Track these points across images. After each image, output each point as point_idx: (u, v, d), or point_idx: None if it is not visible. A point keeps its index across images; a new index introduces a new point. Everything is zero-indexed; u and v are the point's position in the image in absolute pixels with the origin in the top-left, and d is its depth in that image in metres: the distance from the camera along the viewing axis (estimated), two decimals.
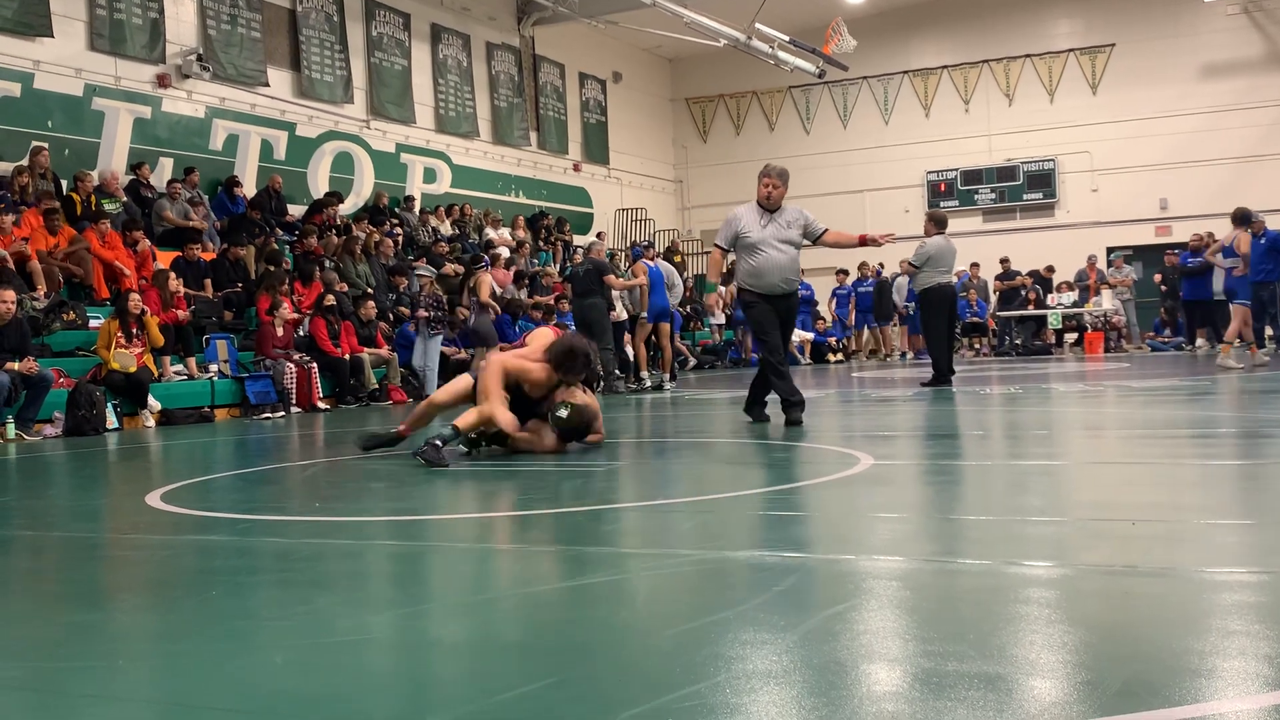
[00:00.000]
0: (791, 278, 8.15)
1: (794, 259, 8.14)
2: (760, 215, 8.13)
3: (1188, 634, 2.38)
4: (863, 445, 6.46)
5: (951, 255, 12.78)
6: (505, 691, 2.19)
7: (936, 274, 12.54)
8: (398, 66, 20.17)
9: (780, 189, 8.15)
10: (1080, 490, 4.86)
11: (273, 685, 2.34)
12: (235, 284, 14.38)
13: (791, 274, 8.14)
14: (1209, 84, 23.88)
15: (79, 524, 5.10)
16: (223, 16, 16.73)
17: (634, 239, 24.80)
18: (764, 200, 8.14)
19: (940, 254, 12.54)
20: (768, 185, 8.13)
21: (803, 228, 8.16)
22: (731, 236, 8.20)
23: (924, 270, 12.63)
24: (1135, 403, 9.35)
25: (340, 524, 4.53)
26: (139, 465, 8.05)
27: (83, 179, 13.97)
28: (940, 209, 13.22)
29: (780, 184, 8.15)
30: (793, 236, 8.11)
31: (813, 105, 27.50)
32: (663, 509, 4.66)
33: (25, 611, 3.21)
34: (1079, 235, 24.33)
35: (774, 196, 8.12)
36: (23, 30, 14.06)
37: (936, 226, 12.80)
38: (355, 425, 10.59)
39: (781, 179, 8.17)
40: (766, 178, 8.17)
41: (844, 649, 2.37)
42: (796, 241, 8.13)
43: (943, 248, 12.55)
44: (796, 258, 8.18)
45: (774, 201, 8.15)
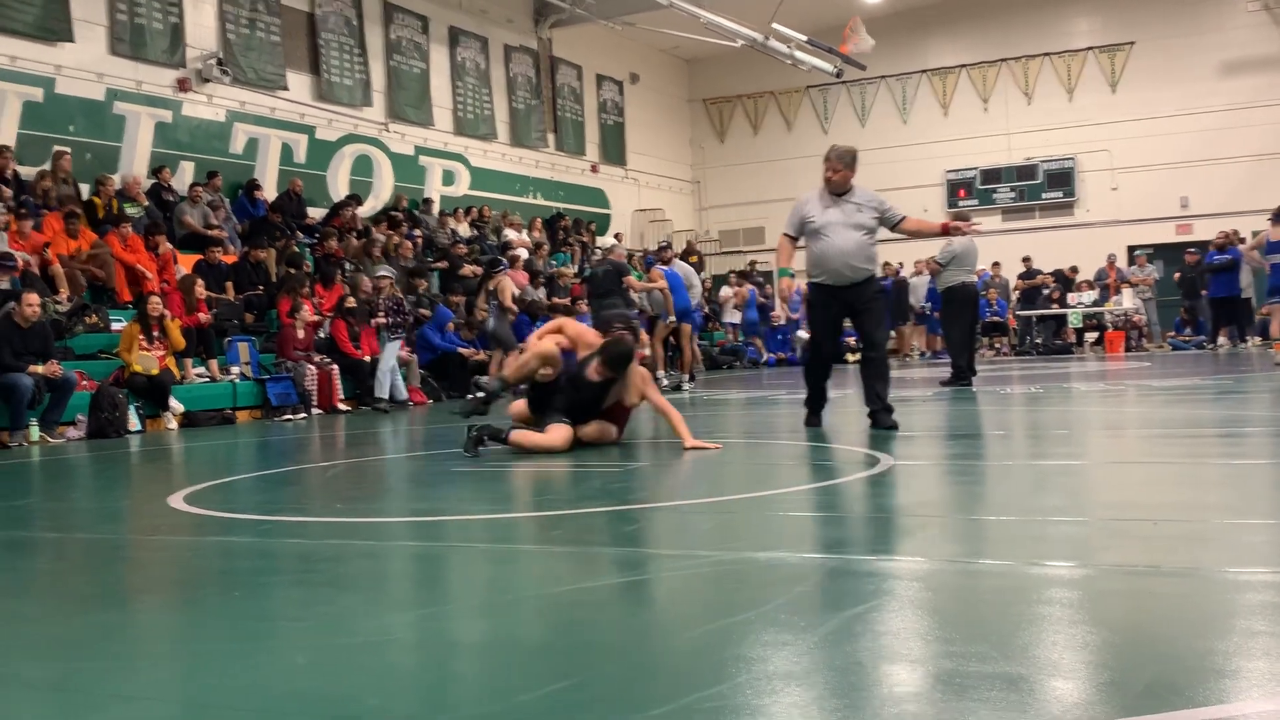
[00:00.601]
0: (857, 264, 7.62)
1: (861, 245, 7.61)
2: (825, 199, 7.75)
3: (1211, 634, 2.37)
4: (883, 445, 6.44)
5: (975, 255, 12.79)
6: (526, 692, 2.20)
7: (961, 272, 12.53)
8: (416, 69, 20.22)
9: (841, 172, 7.68)
10: (1102, 490, 4.84)
11: (294, 686, 2.35)
12: (256, 287, 14.44)
13: (858, 260, 7.61)
14: (1229, 81, 23.73)
15: (102, 525, 5.13)
16: (242, 21, 16.81)
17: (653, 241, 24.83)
18: (827, 184, 7.75)
19: (966, 253, 12.52)
20: (828, 169, 7.73)
21: (877, 212, 7.69)
22: (797, 223, 7.88)
23: (948, 269, 12.63)
24: (1157, 402, 9.31)
25: (361, 525, 4.55)
26: (161, 467, 8.09)
27: (104, 183, 14.06)
28: (962, 210, 13.21)
29: (840, 166, 7.70)
30: (862, 220, 7.64)
31: (830, 105, 27.45)
32: (683, 510, 4.66)
33: (50, 612, 3.23)
34: (1099, 234, 24.22)
35: (835, 180, 7.69)
36: (44, 35, 14.15)
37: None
38: (375, 427, 10.62)
39: (843, 161, 7.71)
40: (827, 161, 7.78)
41: (865, 650, 2.37)
42: (867, 225, 7.64)
43: (969, 247, 12.53)
44: (865, 244, 7.65)
45: (837, 185, 7.72)
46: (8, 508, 6.02)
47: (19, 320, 10.24)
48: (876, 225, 7.71)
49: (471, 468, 6.42)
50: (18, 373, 9.98)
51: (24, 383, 9.92)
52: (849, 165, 7.71)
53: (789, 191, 27.35)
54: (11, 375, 9.94)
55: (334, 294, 14.45)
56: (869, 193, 7.82)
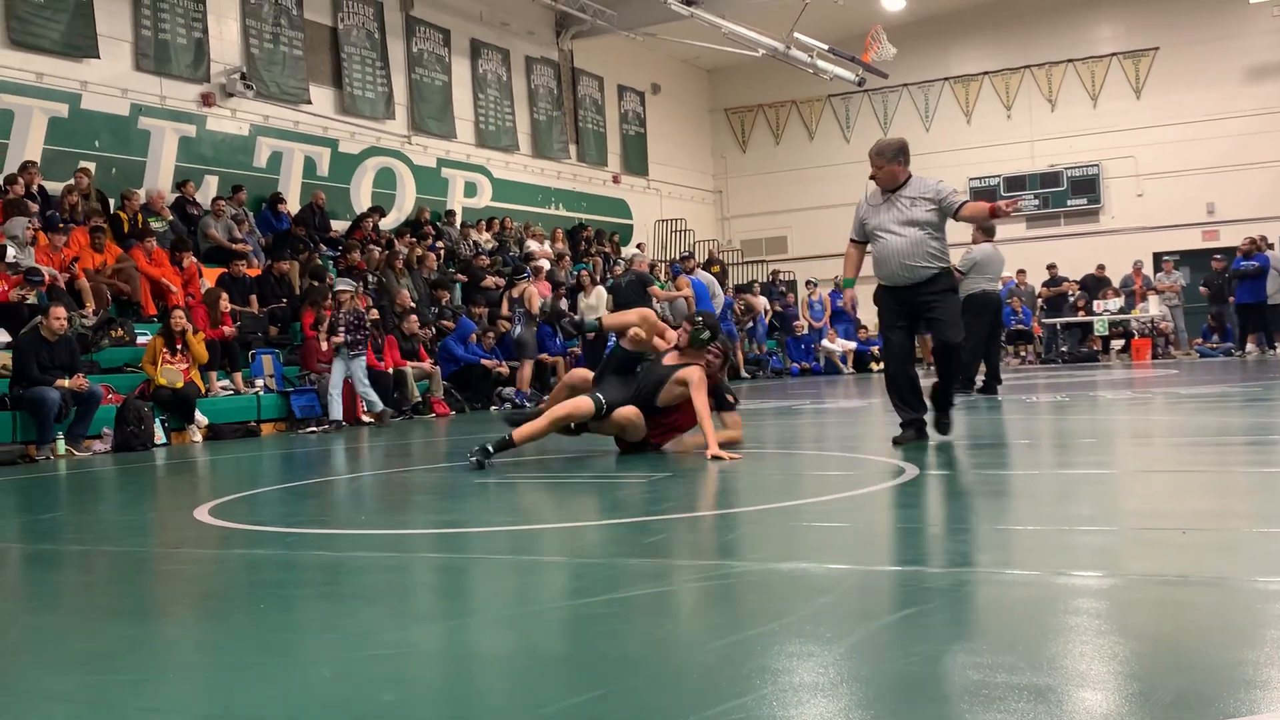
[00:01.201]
0: (913, 263, 7.06)
1: (917, 242, 7.04)
2: (877, 198, 7.27)
3: (1241, 644, 2.35)
4: (909, 455, 6.41)
5: (999, 263, 12.69)
6: (551, 704, 2.19)
7: (983, 280, 12.43)
8: (438, 82, 20.31)
9: (885, 168, 7.15)
10: (1130, 499, 4.80)
11: (321, 698, 2.35)
12: (280, 299, 14.52)
13: (913, 259, 7.05)
14: (1255, 86, 23.58)
15: (129, 539, 5.15)
16: (265, 35, 16.93)
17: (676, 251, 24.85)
18: (875, 182, 7.29)
19: (987, 261, 12.44)
20: (871, 166, 7.24)
21: (934, 203, 7.05)
22: (858, 225, 7.37)
23: (969, 276, 12.57)
24: (1184, 409, 9.24)
25: (386, 537, 4.56)
26: (187, 480, 8.13)
27: (129, 197, 14.17)
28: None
29: (881, 162, 7.16)
30: (916, 216, 7.05)
31: (853, 114, 27.41)
32: (706, 520, 4.65)
33: (77, 625, 3.25)
34: (1124, 241, 24.10)
35: (879, 177, 7.22)
36: (70, 52, 14.29)
37: (985, 234, 12.72)
38: (399, 438, 10.65)
39: (883, 156, 7.16)
40: (870, 158, 7.27)
41: (891, 661, 2.35)
42: (922, 220, 7.03)
43: (990, 255, 12.46)
44: (922, 240, 7.04)
45: (883, 182, 7.21)
46: (35, 521, 6.06)
47: (46, 334, 10.33)
48: (937, 218, 7.08)
49: (494, 479, 6.42)
50: (45, 387, 10.05)
51: (51, 396, 10.00)
52: (891, 159, 7.15)
53: (811, 201, 27.47)
54: (39, 389, 10.02)
55: None
56: (926, 183, 7.18)
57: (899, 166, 7.12)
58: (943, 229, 7.13)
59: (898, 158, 7.13)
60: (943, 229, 7.13)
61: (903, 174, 7.14)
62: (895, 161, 7.12)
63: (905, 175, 7.15)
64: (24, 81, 13.81)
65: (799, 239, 27.82)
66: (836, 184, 27.09)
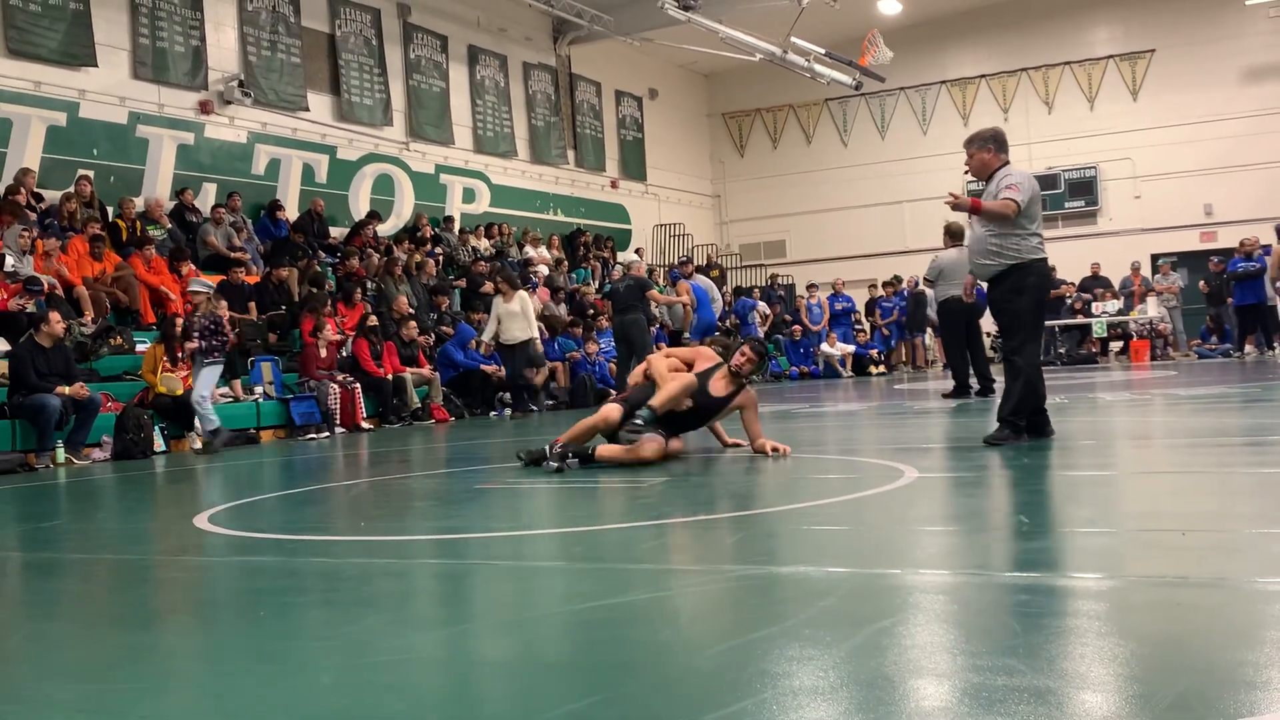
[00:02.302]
0: (977, 260, 6.90)
1: (979, 238, 6.84)
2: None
3: (1241, 646, 2.35)
4: (907, 458, 6.41)
5: (965, 268, 12.68)
6: (551, 709, 2.19)
7: (951, 287, 12.44)
8: (436, 88, 20.32)
9: (972, 155, 6.87)
10: (1130, 500, 4.80)
11: (321, 705, 2.35)
12: (279, 306, 14.52)
13: (977, 255, 6.89)
14: (1252, 88, 23.60)
15: (128, 546, 5.15)
16: (263, 43, 16.94)
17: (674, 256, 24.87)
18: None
19: (954, 267, 12.43)
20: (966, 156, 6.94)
21: (992, 196, 6.74)
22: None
23: (938, 284, 12.66)
24: (1184, 411, 9.24)
25: (385, 543, 4.56)
26: (186, 487, 8.13)
27: (127, 205, 14.18)
28: (957, 221, 13.26)
29: (969, 149, 6.88)
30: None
31: (850, 117, 27.43)
32: (706, 524, 4.65)
33: (78, 633, 3.25)
34: (1122, 243, 24.12)
35: (970, 166, 6.94)
36: (68, 61, 14.31)
37: (951, 239, 12.79)
38: (398, 445, 10.65)
39: (971, 143, 6.88)
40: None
41: (891, 664, 2.35)
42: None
43: (956, 260, 12.48)
44: (982, 236, 6.81)
45: (975, 171, 6.93)
46: (35, 529, 6.06)
47: (43, 340, 10.32)
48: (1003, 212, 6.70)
49: (494, 485, 6.43)
50: (44, 394, 10.05)
51: (51, 404, 10.00)
52: (979, 147, 6.85)
53: (809, 205, 27.49)
54: (38, 396, 10.02)
55: (356, 313, 14.52)
56: (1007, 174, 6.79)
57: (988, 154, 6.84)
58: (1022, 219, 6.67)
59: (985, 145, 6.86)
60: (1022, 219, 6.67)
61: (995, 163, 6.82)
62: (984, 149, 6.86)
63: (998, 164, 6.82)
64: (22, 90, 13.82)
65: (797, 243, 27.84)
66: (834, 188, 27.14)
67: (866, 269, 25.14)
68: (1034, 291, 6.79)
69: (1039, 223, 6.83)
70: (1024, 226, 6.72)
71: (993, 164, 6.83)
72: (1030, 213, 6.74)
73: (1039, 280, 6.85)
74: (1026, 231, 6.73)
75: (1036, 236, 6.78)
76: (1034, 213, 6.78)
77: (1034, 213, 6.78)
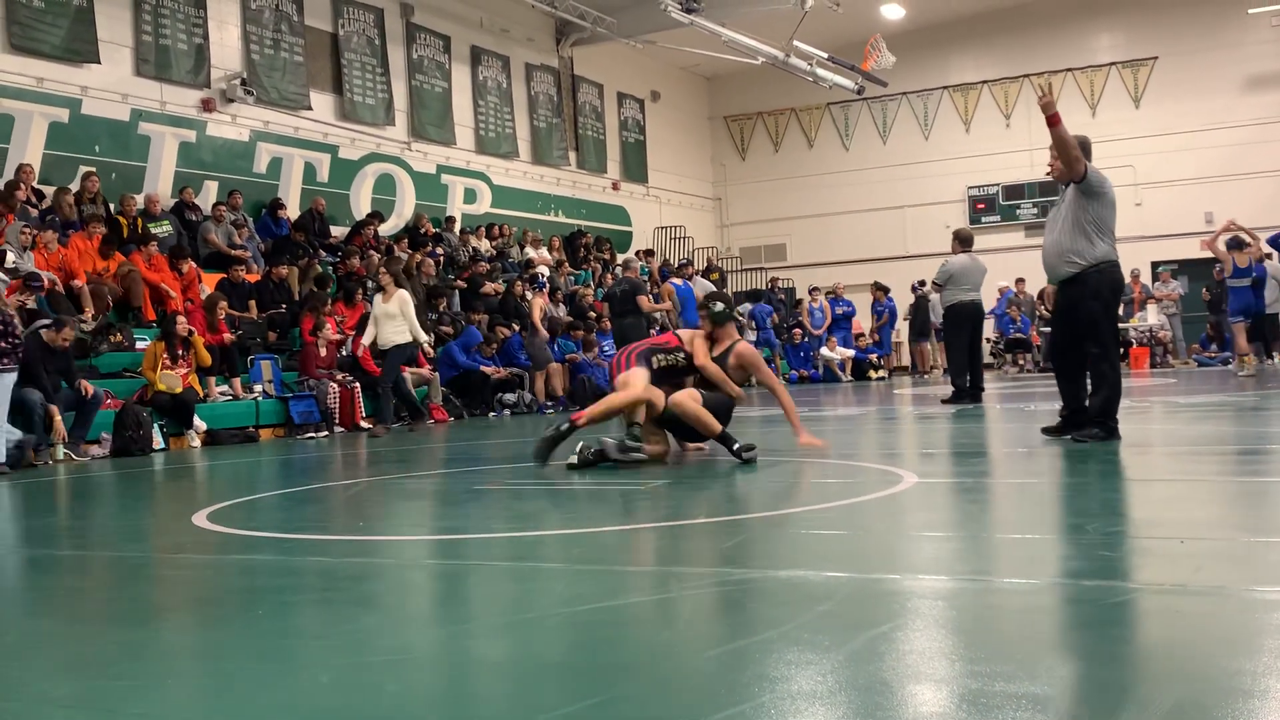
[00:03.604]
0: (1051, 263, 6.95)
1: (1056, 241, 6.87)
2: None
3: (1239, 654, 2.35)
4: (906, 463, 6.41)
5: (978, 273, 12.78)
6: (549, 711, 2.19)
7: (960, 292, 12.57)
8: (438, 88, 20.33)
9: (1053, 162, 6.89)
10: (1127, 508, 4.80)
11: (318, 704, 2.35)
12: (279, 305, 14.52)
13: (1051, 258, 6.94)
14: (1254, 96, 23.63)
15: (127, 544, 5.15)
16: (266, 41, 16.95)
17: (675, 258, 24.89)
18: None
19: (963, 272, 12.58)
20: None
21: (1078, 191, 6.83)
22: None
23: (947, 288, 12.76)
24: (1182, 418, 9.24)
25: (384, 543, 4.56)
26: (185, 485, 8.13)
27: (128, 202, 14.18)
28: (967, 227, 13.48)
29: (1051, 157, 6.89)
30: (1059, 213, 6.89)
31: (852, 122, 27.44)
32: (705, 527, 4.65)
33: (75, 630, 3.25)
34: (1123, 250, 23.69)
35: (1051, 171, 6.96)
36: (70, 57, 14.30)
37: (961, 245, 12.87)
38: (397, 445, 10.65)
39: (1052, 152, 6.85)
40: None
41: (889, 669, 2.35)
42: (1065, 216, 6.82)
43: (967, 266, 12.62)
44: (1060, 240, 6.85)
45: (1056, 176, 6.96)
46: (33, 526, 6.06)
47: (47, 340, 10.31)
48: (1082, 212, 6.79)
49: (492, 486, 6.43)
50: (28, 389, 9.98)
51: (31, 398, 9.93)
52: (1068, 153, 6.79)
53: (810, 209, 27.51)
54: (23, 391, 9.96)
55: (356, 312, 14.51)
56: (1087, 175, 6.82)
57: (1064, 162, 6.82)
58: (1087, 225, 6.77)
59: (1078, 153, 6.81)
60: (1087, 225, 6.77)
61: (1078, 167, 6.79)
62: (1077, 154, 6.81)
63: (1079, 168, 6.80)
64: (24, 87, 13.81)
65: (798, 247, 27.85)
66: (836, 191, 27.14)
67: (867, 273, 25.15)
68: (1105, 295, 6.88)
69: (1111, 227, 6.90)
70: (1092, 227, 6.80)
71: (1064, 172, 6.84)
72: (1102, 217, 6.81)
73: (1109, 283, 6.93)
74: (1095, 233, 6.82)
75: (1105, 242, 6.86)
76: (1105, 214, 6.84)
77: (1105, 214, 6.84)
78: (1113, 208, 6.87)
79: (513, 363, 15.95)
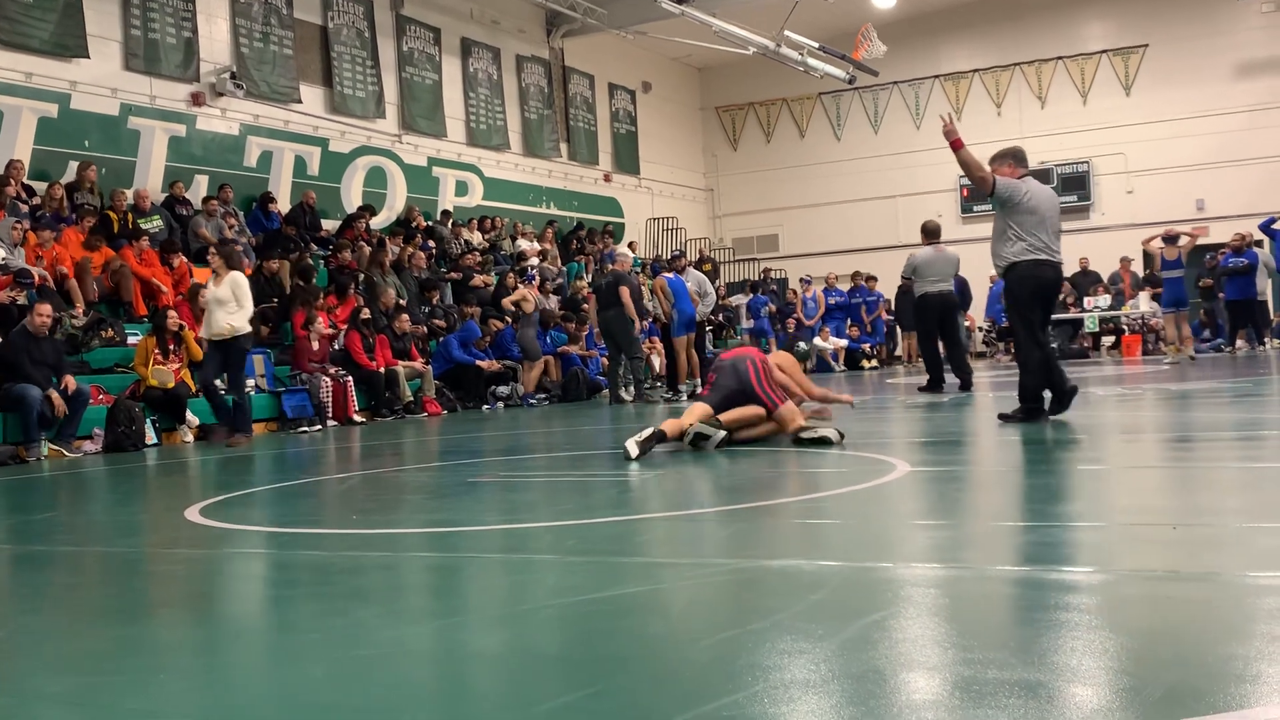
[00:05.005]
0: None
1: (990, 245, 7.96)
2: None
3: (1231, 639, 2.36)
4: (898, 452, 6.42)
5: (945, 264, 12.96)
6: (543, 703, 2.19)
7: (927, 283, 12.80)
8: (429, 81, 20.28)
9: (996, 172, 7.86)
10: (1120, 494, 4.81)
11: (313, 698, 2.35)
12: (270, 299, 14.48)
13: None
14: (1245, 83, 23.64)
15: (120, 539, 5.15)
16: (255, 34, 16.89)
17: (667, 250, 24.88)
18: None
19: (928, 264, 12.84)
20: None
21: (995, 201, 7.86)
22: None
23: (915, 281, 12.99)
24: (1175, 406, 9.26)
25: (377, 536, 4.55)
26: (178, 480, 8.12)
27: (119, 197, 14.14)
28: (934, 219, 13.76)
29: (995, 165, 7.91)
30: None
31: (843, 111, 27.42)
32: (697, 518, 4.66)
33: (69, 626, 3.24)
34: (1114, 237, 24.12)
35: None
36: (59, 52, 14.25)
37: (927, 237, 13.18)
38: (390, 438, 10.64)
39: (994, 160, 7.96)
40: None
41: (883, 657, 2.36)
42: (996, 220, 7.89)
43: (931, 258, 12.87)
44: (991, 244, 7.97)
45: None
46: (26, 522, 6.05)
47: (32, 329, 10.29)
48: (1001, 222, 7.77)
49: (486, 479, 6.42)
50: (27, 385, 9.97)
51: (31, 394, 9.93)
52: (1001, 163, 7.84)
53: (803, 199, 27.49)
54: (20, 387, 9.95)
55: (348, 306, 14.49)
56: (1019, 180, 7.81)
57: (1005, 167, 7.74)
58: (1008, 229, 7.62)
59: (1003, 161, 7.81)
60: (1008, 229, 7.62)
61: (1010, 175, 7.71)
62: (1002, 164, 7.78)
63: (1016, 177, 7.72)
64: (13, 81, 13.76)
65: (790, 237, 27.84)
66: (828, 182, 27.14)
67: (859, 263, 25.15)
68: (1016, 292, 7.70)
69: (1029, 229, 7.63)
70: (1011, 231, 7.62)
71: (1010, 176, 7.73)
72: (1019, 221, 7.60)
73: (1019, 279, 7.67)
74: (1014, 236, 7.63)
75: (1023, 242, 7.60)
76: (1021, 219, 7.61)
77: (1021, 219, 7.61)
78: (1033, 212, 7.61)
79: (506, 355, 15.95)
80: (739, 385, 7.25)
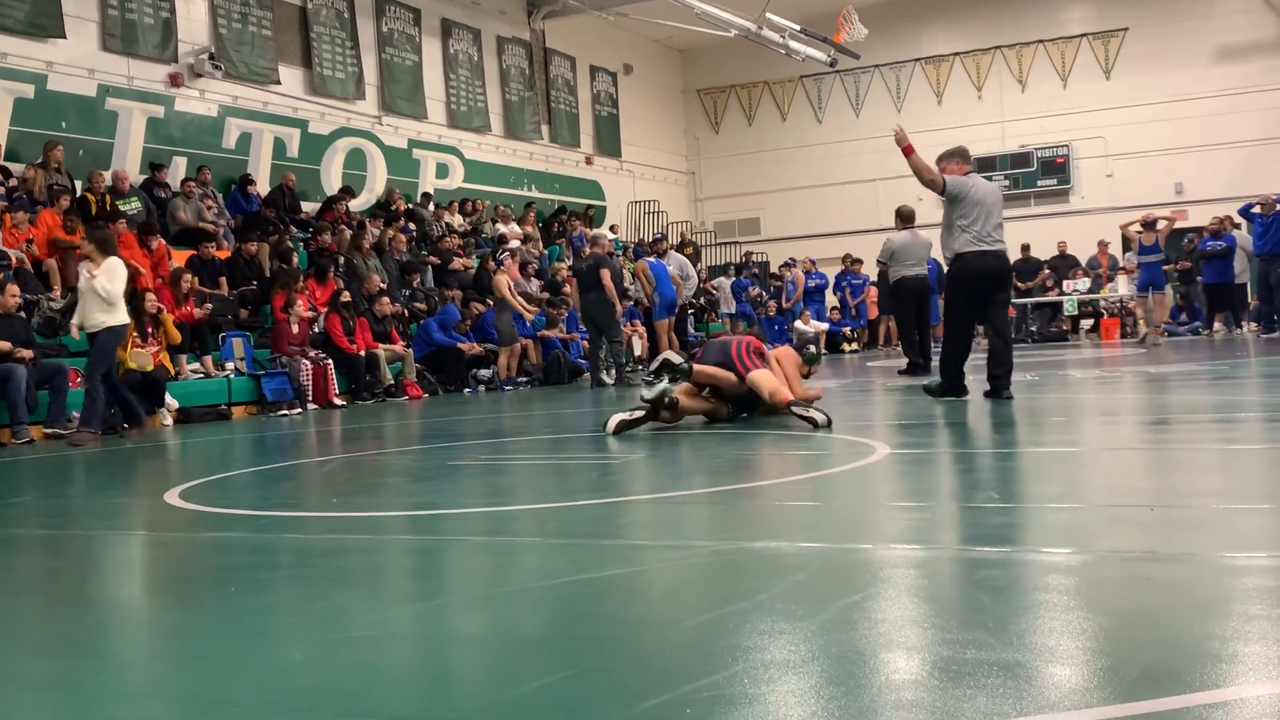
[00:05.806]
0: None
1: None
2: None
3: (1208, 619, 2.38)
4: (878, 434, 6.44)
5: (920, 248, 13.12)
6: (525, 684, 2.20)
7: (903, 268, 12.92)
8: (409, 62, 20.17)
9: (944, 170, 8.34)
10: (1098, 476, 4.84)
11: (292, 681, 2.35)
12: (250, 282, 14.41)
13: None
14: (1224, 67, 23.71)
15: (99, 522, 5.12)
16: (234, 15, 16.76)
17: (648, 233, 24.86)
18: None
19: (904, 248, 12.98)
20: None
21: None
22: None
23: (891, 265, 13.10)
24: (1152, 388, 9.32)
25: (358, 519, 4.55)
26: (157, 464, 8.09)
27: (96, 179, 14.02)
28: (909, 204, 13.86)
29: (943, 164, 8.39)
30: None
31: (825, 95, 27.39)
32: (678, 500, 4.67)
33: (47, 610, 3.23)
34: (1094, 221, 24.19)
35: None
36: (35, 32, 14.10)
37: (902, 222, 13.29)
38: (371, 421, 10.62)
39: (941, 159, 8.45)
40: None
41: (862, 638, 2.37)
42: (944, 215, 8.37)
43: (907, 242, 12.99)
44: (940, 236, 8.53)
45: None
46: (3, 505, 6.01)
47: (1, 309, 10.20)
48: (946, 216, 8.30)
49: (467, 462, 6.42)
50: (10, 364, 9.89)
51: (18, 373, 9.85)
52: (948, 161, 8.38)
53: (784, 182, 27.48)
54: (5, 366, 9.88)
55: (328, 288, 14.43)
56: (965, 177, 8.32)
57: (953, 165, 8.26)
58: (955, 223, 8.10)
59: (950, 159, 8.33)
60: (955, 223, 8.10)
61: (959, 172, 8.23)
62: (949, 162, 8.30)
63: (962, 174, 8.23)
64: None
65: (772, 220, 27.82)
66: (809, 165, 27.11)
67: (841, 246, 25.15)
68: (954, 280, 8.25)
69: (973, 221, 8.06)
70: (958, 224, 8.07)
71: (958, 174, 8.22)
72: (965, 214, 8.04)
73: (962, 270, 8.14)
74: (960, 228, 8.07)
75: (967, 234, 8.05)
76: (967, 212, 8.05)
77: (967, 212, 8.05)
78: (978, 204, 8.05)
79: (487, 338, 15.91)
80: (721, 358, 7.40)
